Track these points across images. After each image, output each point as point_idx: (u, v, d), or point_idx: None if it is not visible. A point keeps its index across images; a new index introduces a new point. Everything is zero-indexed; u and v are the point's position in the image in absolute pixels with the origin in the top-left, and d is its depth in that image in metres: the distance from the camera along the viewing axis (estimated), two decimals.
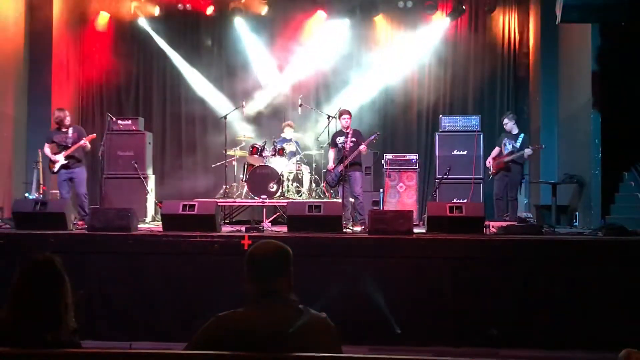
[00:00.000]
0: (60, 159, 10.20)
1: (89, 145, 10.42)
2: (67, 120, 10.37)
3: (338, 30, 13.43)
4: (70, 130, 10.37)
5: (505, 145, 10.68)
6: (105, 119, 12.32)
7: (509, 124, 10.81)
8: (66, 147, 10.25)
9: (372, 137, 10.49)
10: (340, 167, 10.26)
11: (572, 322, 6.81)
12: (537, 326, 6.85)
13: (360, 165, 10.56)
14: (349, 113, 10.65)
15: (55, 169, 10.27)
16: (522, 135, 10.68)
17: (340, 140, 10.46)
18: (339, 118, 10.61)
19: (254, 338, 2.80)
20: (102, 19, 13.47)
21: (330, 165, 10.56)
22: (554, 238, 7.76)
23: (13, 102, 11.76)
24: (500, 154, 10.76)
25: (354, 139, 10.35)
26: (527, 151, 10.42)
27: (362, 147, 10.25)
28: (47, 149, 10.42)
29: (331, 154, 10.73)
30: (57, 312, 3.03)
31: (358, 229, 9.37)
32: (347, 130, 10.47)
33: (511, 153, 10.53)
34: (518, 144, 10.52)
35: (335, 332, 2.95)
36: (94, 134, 10.68)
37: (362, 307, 6.90)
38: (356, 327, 6.54)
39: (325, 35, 13.47)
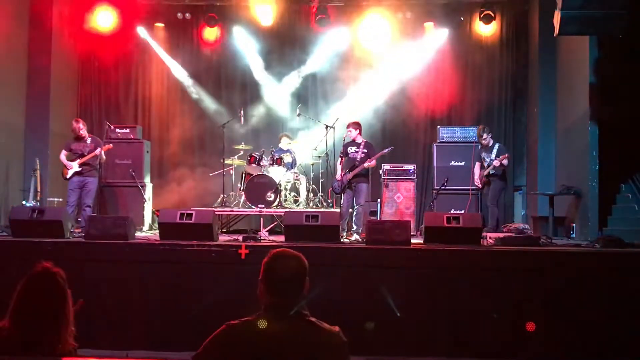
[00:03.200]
0: (75, 166, 10.31)
1: (104, 156, 10.60)
2: (82, 131, 10.54)
3: (337, 41, 13.46)
4: (89, 140, 10.60)
5: (485, 159, 10.92)
6: (103, 127, 12.35)
7: (486, 140, 11.08)
8: (82, 156, 10.36)
9: (385, 151, 10.52)
10: (349, 175, 10.26)
11: (570, 333, 6.80)
12: (534, 337, 6.84)
13: (368, 177, 10.53)
14: (356, 125, 10.62)
15: (68, 176, 10.38)
16: (497, 145, 10.91)
17: (351, 150, 10.46)
18: (347, 129, 10.62)
19: (264, 349, 2.80)
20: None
21: (339, 175, 10.52)
22: (551, 249, 7.75)
23: (10, 109, 11.75)
24: (482, 168, 10.96)
25: (365, 150, 10.37)
26: (495, 162, 10.70)
27: (370, 163, 10.24)
28: (63, 156, 10.61)
29: (341, 162, 10.67)
30: (57, 327, 3.02)
31: (352, 238, 9.37)
32: (359, 141, 10.48)
33: (488, 166, 10.80)
34: (493, 155, 10.77)
35: (345, 349, 2.95)
36: (111, 145, 10.78)
37: (357, 317, 6.89)
38: (351, 337, 6.52)
39: (323, 46, 13.51)
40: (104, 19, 13.23)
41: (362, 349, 6.73)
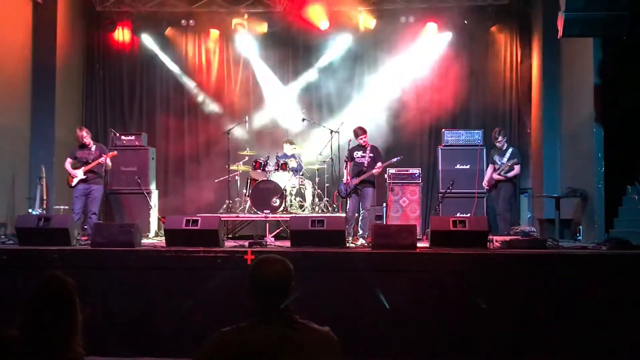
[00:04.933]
0: (80, 173, 10.33)
1: (109, 163, 10.60)
2: (86, 139, 10.56)
3: (340, 46, 13.49)
4: (93, 148, 10.60)
5: (497, 162, 10.89)
6: (108, 135, 12.38)
7: (500, 143, 11.06)
8: (87, 163, 10.37)
9: (394, 160, 10.51)
10: (356, 180, 10.26)
11: (576, 336, 6.78)
12: (541, 341, 6.82)
13: (373, 182, 10.53)
14: (362, 130, 10.59)
15: (73, 183, 10.39)
16: (511, 150, 10.93)
17: (358, 154, 10.46)
18: (356, 138, 10.55)
19: (257, 354, 2.82)
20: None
21: (346, 178, 10.54)
22: (558, 252, 7.74)
23: (16, 116, 11.77)
24: (494, 170, 10.94)
25: (371, 155, 10.37)
26: (514, 172, 10.81)
27: (376, 170, 10.24)
28: (68, 164, 10.60)
29: (347, 167, 10.69)
30: (66, 335, 3.03)
31: (358, 243, 9.36)
32: (366, 145, 10.48)
33: (499, 169, 10.80)
34: (505, 159, 10.76)
35: (338, 347, 2.96)
36: (115, 152, 10.78)
37: (363, 321, 6.89)
38: (357, 341, 6.52)
39: (327, 50, 13.55)
40: (108, 27, 13.31)
41: (369, 352, 6.73)
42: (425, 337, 6.95)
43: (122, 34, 13.83)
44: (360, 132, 10.54)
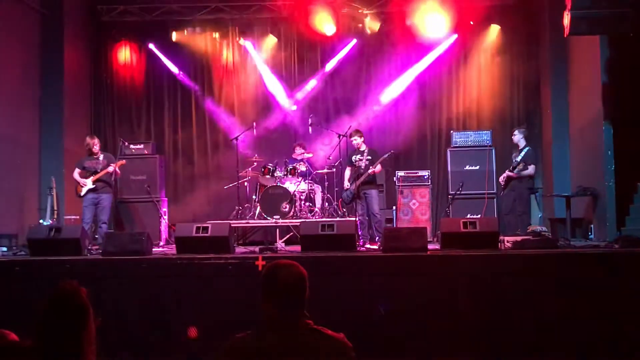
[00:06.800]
0: (88, 183, 10.33)
1: (118, 172, 10.61)
2: (96, 147, 10.58)
3: (346, 50, 13.49)
4: (101, 157, 10.59)
5: (513, 159, 10.70)
6: (117, 144, 12.41)
7: (515, 138, 10.76)
8: (95, 173, 10.39)
9: (385, 155, 10.47)
10: (357, 183, 10.26)
11: (590, 335, 6.74)
12: (555, 340, 6.79)
13: (375, 183, 10.54)
14: (358, 133, 10.66)
15: (82, 193, 10.39)
16: (526, 149, 10.52)
17: (355, 158, 10.49)
18: (349, 138, 10.64)
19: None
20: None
21: (346, 184, 10.56)
22: (570, 251, 7.71)
23: (25, 128, 11.82)
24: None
25: (369, 157, 10.36)
26: (527, 172, 10.33)
27: (374, 169, 10.22)
28: (76, 174, 10.60)
29: (347, 172, 10.73)
30: (81, 345, 3.02)
31: (375, 247, 9.35)
32: (363, 149, 10.49)
33: (514, 168, 10.50)
34: (519, 158, 10.43)
35: (352, 353, 2.94)
36: (124, 161, 10.80)
37: (375, 324, 6.88)
38: (371, 343, 6.51)
39: (335, 54, 13.54)
40: (115, 37, 13.40)
41: (383, 355, 6.72)
42: (438, 339, 6.93)
43: (128, 44, 13.88)
44: (354, 134, 10.58)
